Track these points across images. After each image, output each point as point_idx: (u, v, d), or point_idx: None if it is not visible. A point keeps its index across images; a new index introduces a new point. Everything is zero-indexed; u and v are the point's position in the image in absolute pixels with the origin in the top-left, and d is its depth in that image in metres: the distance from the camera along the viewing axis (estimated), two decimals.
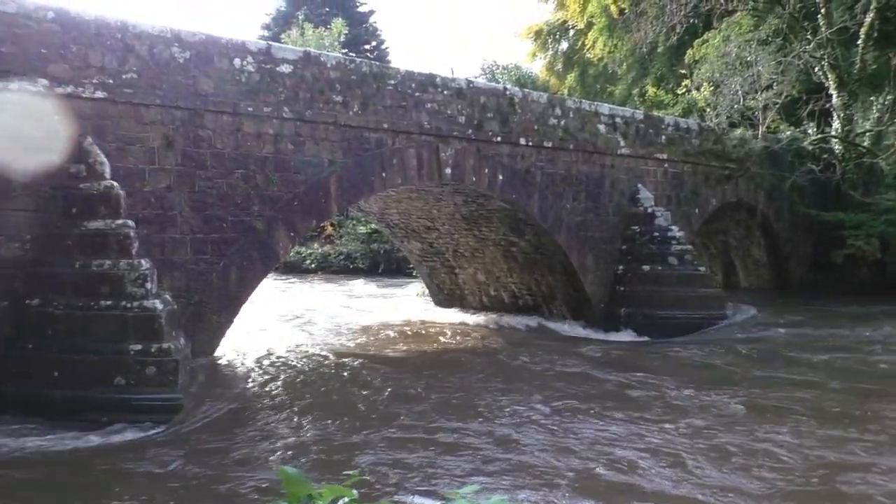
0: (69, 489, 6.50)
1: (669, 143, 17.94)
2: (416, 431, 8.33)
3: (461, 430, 8.35)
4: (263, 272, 11.82)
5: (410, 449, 7.70)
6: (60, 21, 9.49)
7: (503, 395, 9.98)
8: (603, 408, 9.23)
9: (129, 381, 8.34)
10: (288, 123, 11.81)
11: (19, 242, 9.10)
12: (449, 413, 9.09)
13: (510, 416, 8.93)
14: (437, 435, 8.16)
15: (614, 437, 8.02)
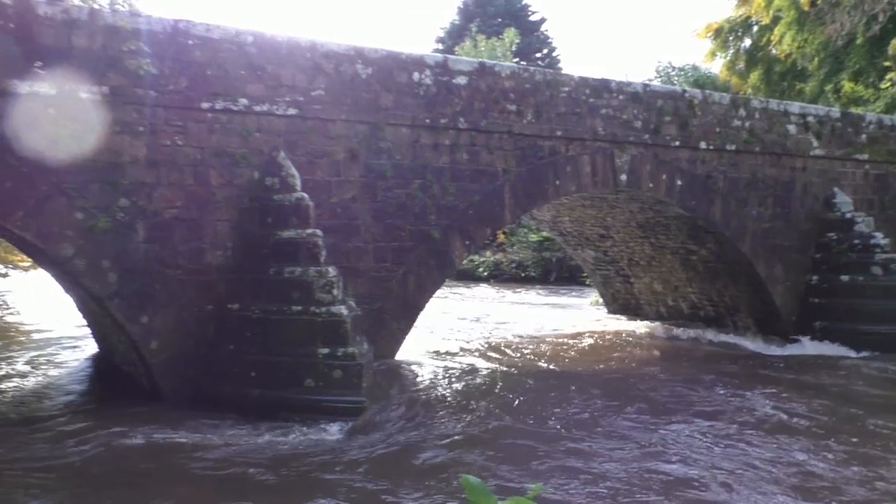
0: (270, 487, 6.90)
1: (871, 142, 16.41)
2: (589, 445, 8.12)
3: (645, 447, 8.04)
4: (440, 280, 12.07)
5: (587, 463, 7.52)
6: (257, 44, 10.21)
7: (697, 416, 9.44)
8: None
9: (317, 383, 8.79)
10: (463, 134, 12.00)
11: (222, 250, 9.88)
12: (631, 427, 8.80)
13: (705, 441, 8.44)
14: (613, 451, 7.92)
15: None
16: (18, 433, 8.48)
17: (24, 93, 8.82)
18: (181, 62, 9.70)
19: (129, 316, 9.30)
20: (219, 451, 7.75)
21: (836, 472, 7.38)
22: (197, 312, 9.65)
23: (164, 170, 9.62)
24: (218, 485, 6.90)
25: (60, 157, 8.99)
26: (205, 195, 9.85)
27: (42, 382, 11.44)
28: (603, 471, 7.31)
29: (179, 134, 9.71)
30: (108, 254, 9.19)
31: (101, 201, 9.20)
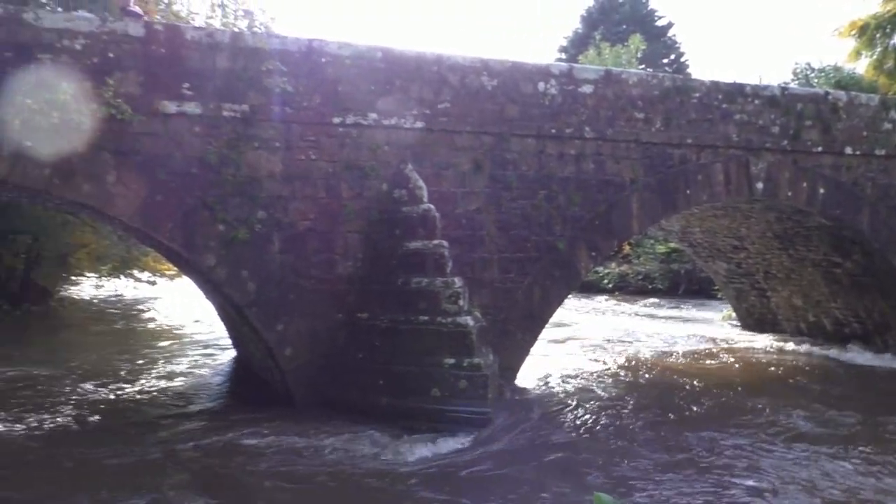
0: (390, 494, 7.01)
1: None
2: (720, 467, 7.74)
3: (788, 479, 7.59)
4: (565, 291, 11.91)
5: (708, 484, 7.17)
6: (386, 59, 10.47)
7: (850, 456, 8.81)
8: None
9: (443, 392, 8.85)
10: (589, 143, 11.81)
11: (352, 261, 10.17)
12: (762, 456, 8.33)
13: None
14: (746, 479, 7.51)
15: None
16: (156, 429, 9.02)
17: (173, 113, 9.44)
18: (315, 79, 10.09)
19: (265, 323, 9.72)
20: (338, 457, 7.94)
21: None
22: (328, 321, 9.96)
23: (298, 183, 10.01)
24: (332, 490, 7.04)
25: (205, 172, 9.54)
26: (336, 208, 10.18)
27: (184, 385, 12.13)
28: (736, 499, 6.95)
29: (313, 149, 10.09)
30: (247, 264, 9.66)
31: (240, 214, 9.69)
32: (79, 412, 10.01)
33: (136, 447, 8.26)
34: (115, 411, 10.22)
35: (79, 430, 9.17)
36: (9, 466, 7.66)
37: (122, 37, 9.28)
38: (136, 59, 9.32)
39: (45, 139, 8.82)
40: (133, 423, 9.49)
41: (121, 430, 9.06)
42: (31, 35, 8.91)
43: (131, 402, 10.84)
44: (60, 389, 11.39)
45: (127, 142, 9.25)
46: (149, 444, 8.40)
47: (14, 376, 12.42)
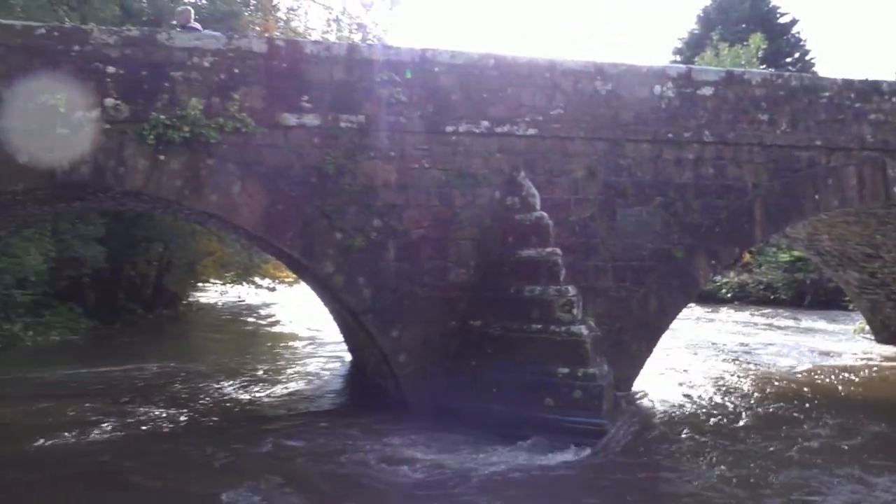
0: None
1: None
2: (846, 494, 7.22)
3: None
4: (683, 301, 11.51)
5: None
6: (499, 67, 10.47)
7: None
8: None
9: (557, 402, 8.72)
10: (708, 147, 11.40)
11: (465, 268, 10.20)
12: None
13: None
14: None
15: None
16: (272, 428, 9.32)
17: (293, 125, 9.78)
18: (428, 89, 10.22)
19: (380, 329, 9.89)
20: (445, 464, 7.92)
21: None
22: (441, 328, 10.03)
23: (412, 192, 10.15)
24: (435, 497, 7.05)
25: (323, 182, 9.82)
26: (449, 215, 10.24)
27: (302, 387, 12.50)
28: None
29: (426, 157, 10.20)
30: (363, 271, 9.86)
31: (357, 222, 9.92)
32: (203, 407, 10.57)
33: (248, 444, 8.58)
34: (235, 408, 10.67)
35: (201, 425, 9.62)
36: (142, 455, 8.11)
37: (247, 53, 9.70)
38: (259, 74, 9.73)
39: (176, 152, 9.34)
40: (250, 421, 9.88)
41: (237, 427, 9.46)
42: (165, 54, 9.46)
43: (251, 401, 11.28)
44: (191, 386, 12.07)
45: (250, 153, 9.65)
46: (261, 442, 8.70)
47: (157, 373, 13.36)
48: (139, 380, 12.83)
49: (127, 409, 10.42)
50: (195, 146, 9.43)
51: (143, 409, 10.48)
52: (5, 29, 9.10)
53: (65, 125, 9.06)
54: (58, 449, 8.52)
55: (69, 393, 11.52)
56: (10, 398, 11.05)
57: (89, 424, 9.49)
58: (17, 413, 10.19)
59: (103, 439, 8.95)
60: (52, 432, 9.03)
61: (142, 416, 10.10)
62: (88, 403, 10.72)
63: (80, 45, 9.22)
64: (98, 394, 11.49)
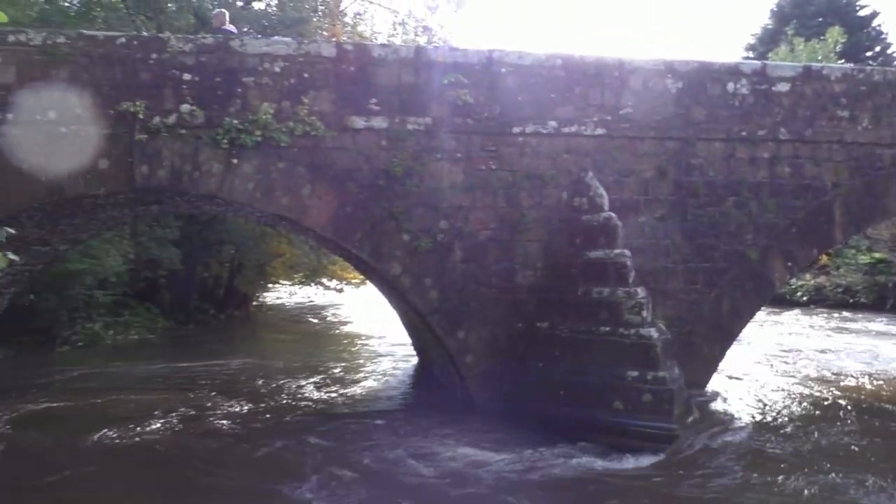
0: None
1: None
2: None
3: None
4: (757, 304, 11.17)
5: None
6: (566, 66, 10.37)
7: None
8: None
9: (626, 406, 8.58)
10: (785, 145, 11.03)
11: (532, 270, 10.14)
12: None
13: None
14: None
15: None
16: (335, 429, 9.45)
17: (361, 127, 9.89)
18: (494, 90, 10.19)
19: (447, 330, 9.91)
20: (512, 466, 7.90)
21: None
22: (508, 329, 9.99)
23: (478, 193, 10.14)
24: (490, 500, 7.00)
25: (390, 184, 9.90)
26: (515, 217, 10.19)
27: (367, 387, 12.65)
28: None
29: (493, 158, 10.18)
30: (430, 272, 9.90)
31: (423, 224, 9.96)
32: (272, 403, 10.88)
33: (314, 440, 8.76)
34: (303, 404, 10.90)
35: (269, 419, 9.83)
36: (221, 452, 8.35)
37: (316, 57, 9.86)
38: (328, 78, 9.87)
39: (248, 156, 9.57)
40: (317, 417, 10.08)
41: (304, 423, 9.70)
42: (238, 61, 9.69)
43: (319, 398, 11.48)
44: (262, 383, 12.40)
45: (320, 156, 9.81)
46: (327, 438, 8.84)
47: (231, 370, 13.83)
48: (215, 376, 13.22)
49: (201, 403, 10.76)
50: (266, 150, 9.64)
51: (217, 403, 10.80)
52: (88, 39, 9.48)
53: (143, 131, 9.38)
54: (133, 439, 8.86)
55: (150, 387, 12.00)
56: (92, 391, 11.54)
57: (161, 417, 9.87)
58: (103, 404, 10.66)
59: (175, 431, 9.27)
60: (129, 423, 9.42)
61: (215, 409, 10.41)
62: (165, 396, 11.14)
63: (157, 53, 9.53)
64: (175, 388, 11.94)
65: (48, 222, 10.45)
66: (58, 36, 9.43)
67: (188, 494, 7.23)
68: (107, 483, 7.46)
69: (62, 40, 9.36)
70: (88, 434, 8.97)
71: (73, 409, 10.44)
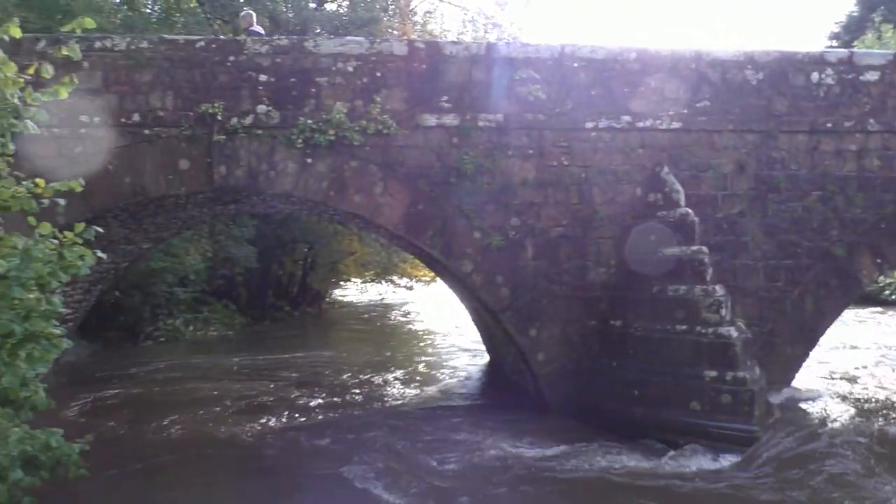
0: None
1: None
2: None
3: None
4: (843, 302, 10.71)
5: None
6: (640, 59, 10.16)
7: None
8: None
9: (703, 406, 8.35)
10: (873, 137, 10.54)
11: (605, 267, 9.97)
12: None
13: None
14: None
15: None
16: (405, 425, 9.49)
17: (433, 125, 9.90)
18: (566, 85, 10.06)
19: (518, 328, 9.84)
20: (590, 466, 7.82)
21: None
22: (580, 328, 9.85)
23: (550, 190, 10.03)
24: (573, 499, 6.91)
25: (461, 181, 9.88)
26: (588, 213, 10.04)
27: (438, 384, 12.68)
28: None
29: (565, 154, 10.05)
30: (502, 270, 9.85)
31: (495, 221, 9.91)
32: (344, 396, 11.20)
33: (383, 435, 8.88)
34: (375, 400, 11.08)
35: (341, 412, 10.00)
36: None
37: (388, 56, 9.92)
38: (400, 76, 9.92)
39: (322, 155, 9.70)
40: (389, 412, 10.21)
41: (374, 417, 9.86)
42: (312, 61, 9.83)
43: (390, 394, 11.62)
44: (334, 377, 12.70)
45: (392, 154, 9.86)
46: (396, 433, 8.92)
47: (307, 364, 14.21)
48: (291, 369, 13.55)
49: (278, 394, 11.06)
50: (339, 149, 9.75)
51: (292, 394, 11.07)
52: (170, 44, 9.77)
53: (222, 131, 9.62)
54: (214, 425, 9.14)
55: (230, 378, 12.39)
56: (174, 380, 11.98)
57: (239, 405, 10.19)
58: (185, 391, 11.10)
59: (250, 419, 9.53)
60: (207, 409, 9.75)
61: (291, 400, 10.67)
62: (243, 387, 11.50)
63: (234, 56, 9.76)
64: (252, 379, 12.27)
65: (132, 222, 10.85)
66: (141, 41, 9.76)
67: (258, 479, 7.44)
68: (184, 467, 7.75)
69: (145, 45, 9.68)
70: (171, 419, 9.33)
71: (158, 396, 10.90)
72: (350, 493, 7.08)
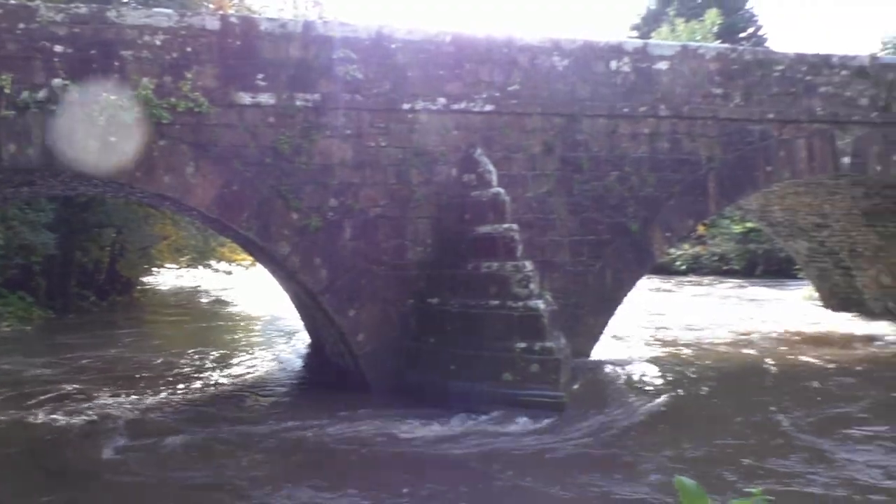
0: (464, 476, 7.05)
1: None
2: (811, 453, 7.48)
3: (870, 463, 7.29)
4: (638, 274, 11.69)
5: (814, 468, 6.94)
6: (456, 43, 10.44)
7: None
8: None
9: (515, 377, 8.82)
10: (664, 121, 11.53)
11: (422, 246, 10.21)
12: (858, 442, 8.02)
13: None
14: (837, 465, 7.24)
15: None
16: (234, 417, 9.25)
17: (248, 104, 9.63)
18: (384, 66, 10.14)
19: (338, 309, 9.86)
20: (412, 441, 8.01)
21: None
22: (399, 306, 10.04)
23: (368, 170, 10.10)
24: (409, 473, 7.12)
25: (278, 161, 9.71)
26: (406, 193, 10.22)
27: (261, 371, 12.41)
28: (813, 480, 6.72)
29: (383, 135, 10.15)
30: (320, 251, 9.81)
31: (313, 202, 9.84)
32: (166, 394, 10.42)
33: (208, 428, 8.55)
34: (196, 394, 10.57)
35: (162, 410, 9.52)
36: None
37: (200, 31, 9.50)
38: (213, 53, 9.54)
39: (128, 134, 9.14)
40: (212, 405, 9.80)
41: (198, 412, 9.39)
42: (115, 32, 9.22)
43: (212, 385, 11.19)
44: (151, 373, 11.88)
45: (204, 134, 9.49)
46: (221, 426, 8.66)
47: (113, 361, 13.10)
48: (100, 366, 12.62)
49: (84, 394, 10.27)
50: (146, 127, 9.23)
51: (103, 393, 10.33)
52: None
53: (10, 106, 8.80)
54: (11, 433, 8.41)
55: (28, 381, 11.33)
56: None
57: (38, 410, 9.37)
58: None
59: (54, 426, 8.83)
60: None
61: (102, 400, 9.96)
62: (44, 389, 10.55)
63: (25, 23, 8.94)
64: (55, 381, 11.29)
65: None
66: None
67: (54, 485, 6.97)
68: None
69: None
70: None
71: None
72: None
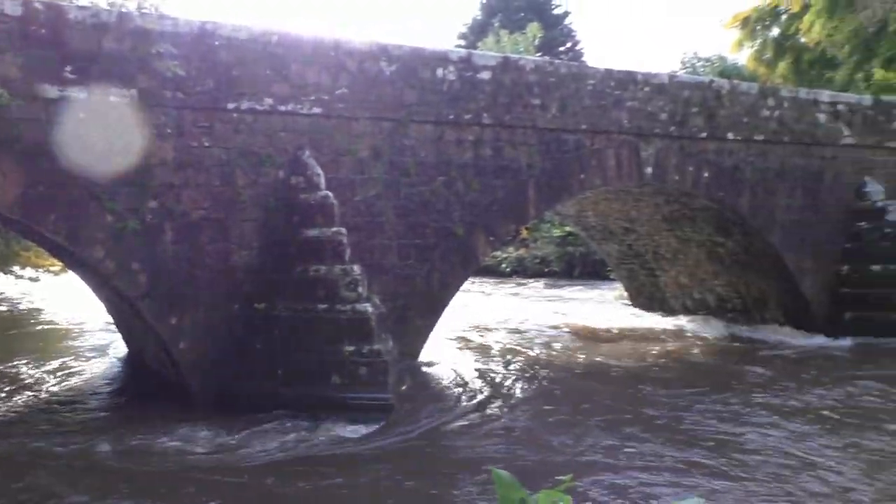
0: (290, 485, 6.99)
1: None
2: (626, 440, 8.10)
3: (675, 441, 8.01)
4: (463, 276, 12.08)
5: (624, 457, 7.51)
6: (282, 43, 10.28)
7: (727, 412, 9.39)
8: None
9: (343, 380, 8.86)
10: (487, 129, 11.98)
11: (248, 250, 9.97)
12: (659, 425, 8.77)
13: (736, 433, 8.39)
14: (648, 445, 7.89)
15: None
16: (51, 432, 8.64)
17: (56, 98, 8.96)
18: (208, 63, 9.80)
19: (158, 317, 9.42)
20: (236, 450, 7.86)
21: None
22: (224, 312, 9.74)
23: (191, 171, 9.72)
24: (231, 485, 6.99)
25: (91, 160, 9.11)
26: (231, 196, 9.94)
27: (73, 383, 11.61)
28: (630, 464, 7.30)
29: (206, 135, 9.81)
30: (139, 255, 9.32)
31: (130, 203, 9.33)
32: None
33: (27, 446, 7.92)
34: (9, 413, 9.73)
35: None
36: None
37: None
38: (14, 40, 8.77)
39: None
40: (25, 424, 9.07)
41: (11, 432, 8.66)
42: None
43: (22, 403, 10.32)
44: None
45: (4, 129, 8.71)
46: (34, 443, 8.05)
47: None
48: None
49: None
50: None
51: None
52: None
53: None
54: None
55: None
56: None
57: None
58: None
59: None
60: None
61: None
62: None
63: None
64: None
65: None
66: None
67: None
68: None
69: None
70: None
71: None
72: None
